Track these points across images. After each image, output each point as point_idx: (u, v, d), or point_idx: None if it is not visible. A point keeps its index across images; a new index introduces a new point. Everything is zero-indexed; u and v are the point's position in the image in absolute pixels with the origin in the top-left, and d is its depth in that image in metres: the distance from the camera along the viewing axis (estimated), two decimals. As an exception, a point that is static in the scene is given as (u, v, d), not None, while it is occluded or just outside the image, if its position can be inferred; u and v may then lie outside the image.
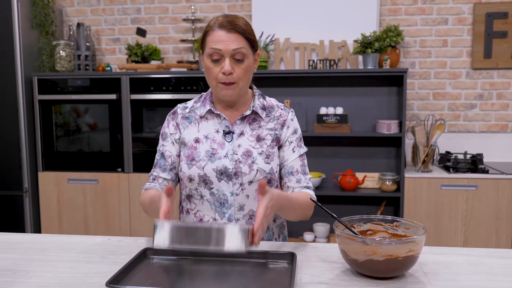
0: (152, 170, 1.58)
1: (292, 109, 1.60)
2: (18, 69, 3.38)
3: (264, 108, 1.55)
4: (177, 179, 1.59)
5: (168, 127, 1.57)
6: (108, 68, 3.60)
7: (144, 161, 3.42)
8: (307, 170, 1.56)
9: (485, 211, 3.10)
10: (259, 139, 1.51)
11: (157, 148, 1.59)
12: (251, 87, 1.60)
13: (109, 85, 3.41)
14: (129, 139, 3.43)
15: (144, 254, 1.30)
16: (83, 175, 3.48)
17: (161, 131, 1.60)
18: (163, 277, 1.22)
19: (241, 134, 1.51)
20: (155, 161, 1.58)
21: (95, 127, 3.48)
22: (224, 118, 1.52)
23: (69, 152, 3.51)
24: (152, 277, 1.19)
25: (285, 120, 1.55)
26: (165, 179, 1.56)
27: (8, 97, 3.40)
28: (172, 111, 1.60)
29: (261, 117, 1.53)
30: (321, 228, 3.43)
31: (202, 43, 1.48)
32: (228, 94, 1.46)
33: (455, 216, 3.13)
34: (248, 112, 1.52)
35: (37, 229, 3.56)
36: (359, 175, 3.41)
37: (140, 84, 3.38)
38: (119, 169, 3.45)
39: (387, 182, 3.28)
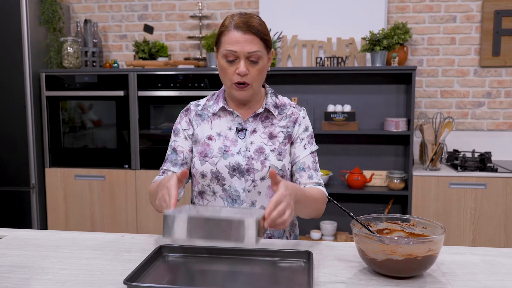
0: (162, 164, 1.59)
1: (303, 108, 1.61)
2: (26, 65, 3.38)
3: (276, 106, 1.57)
4: (189, 175, 1.59)
5: (181, 123, 1.59)
6: (116, 64, 3.59)
7: (151, 157, 3.42)
8: (318, 167, 1.57)
9: (494, 210, 3.09)
10: (271, 136, 1.52)
11: (169, 144, 1.60)
12: (263, 85, 1.61)
13: (117, 82, 3.40)
14: (136, 136, 3.42)
15: (159, 252, 1.29)
16: (90, 171, 3.48)
17: (173, 128, 1.61)
18: (179, 275, 1.22)
19: (254, 131, 1.52)
20: (166, 156, 1.59)
21: (102, 124, 3.48)
22: (237, 116, 1.53)
23: (76, 149, 3.51)
24: (168, 275, 1.19)
25: (297, 117, 1.57)
26: (175, 173, 1.55)
27: (16, 93, 3.40)
28: (185, 108, 1.61)
29: (273, 115, 1.55)
30: (328, 226, 3.42)
31: (217, 42, 1.49)
32: (242, 95, 1.49)
33: (464, 215, 3.12)
34: (261, 110, 1.53)
35: (44, 225, 3.57)
36: (367, 173, 3.41)
37: (148, 80, 3.37)
38: (126, 166, 3.45)
39: (395, 180, 3.27)
